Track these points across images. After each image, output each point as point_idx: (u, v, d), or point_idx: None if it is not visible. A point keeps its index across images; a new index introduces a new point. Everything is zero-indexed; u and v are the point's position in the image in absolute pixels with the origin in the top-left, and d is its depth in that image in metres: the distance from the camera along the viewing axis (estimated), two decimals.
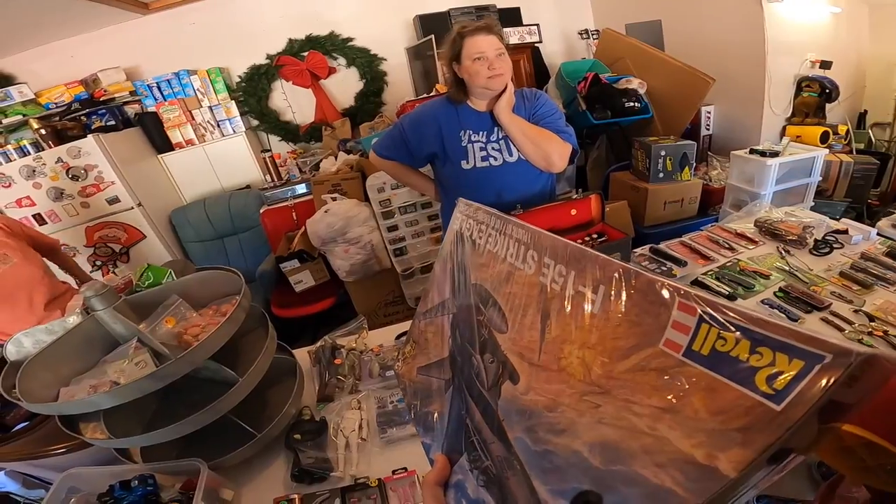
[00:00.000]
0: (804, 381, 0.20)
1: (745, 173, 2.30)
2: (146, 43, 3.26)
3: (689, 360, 0.25)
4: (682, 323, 0.26)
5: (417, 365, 0.55)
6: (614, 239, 1.41)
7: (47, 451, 1.06)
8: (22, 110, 2.91)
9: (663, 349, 0.27)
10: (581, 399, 0.32)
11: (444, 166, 1.58)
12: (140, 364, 0.98)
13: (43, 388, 0.97)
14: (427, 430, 0.51)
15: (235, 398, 0.99)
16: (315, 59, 3.50)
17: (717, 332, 0.24)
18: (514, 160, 1.52)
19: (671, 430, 0.25)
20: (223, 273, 1.18)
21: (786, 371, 0.21)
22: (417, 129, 1.56)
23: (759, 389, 0.22)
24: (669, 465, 0.25)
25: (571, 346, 0.34)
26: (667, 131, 2.79)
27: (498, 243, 0.45)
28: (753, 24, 2.52)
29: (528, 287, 0.40)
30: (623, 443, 0.28)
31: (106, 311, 1.04)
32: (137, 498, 0.90)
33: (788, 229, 1.51)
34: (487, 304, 0.44)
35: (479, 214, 0.49)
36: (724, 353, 0.24)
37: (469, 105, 1.51)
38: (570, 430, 0.32)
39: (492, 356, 0.42)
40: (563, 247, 0.37)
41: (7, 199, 2.78)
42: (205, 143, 3.29)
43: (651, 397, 0.27)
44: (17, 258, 1.83)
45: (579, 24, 3.93)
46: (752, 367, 0.22)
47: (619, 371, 0.29)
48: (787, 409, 0.20)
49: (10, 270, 1.80)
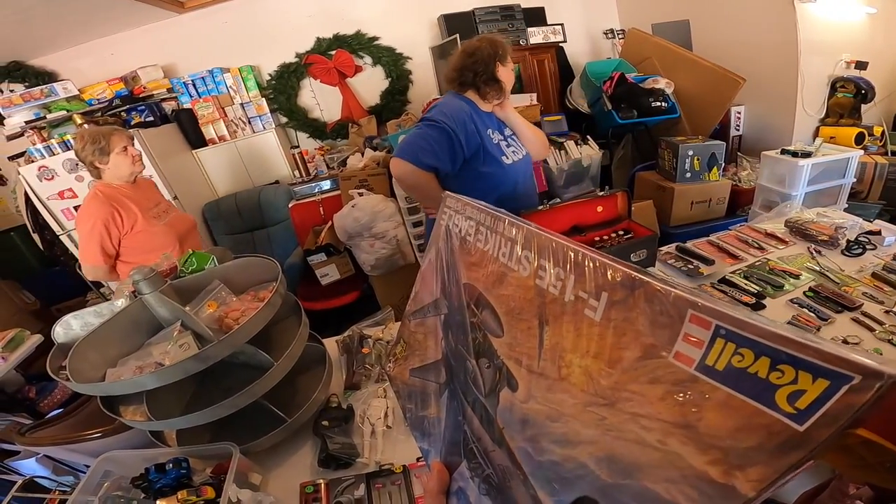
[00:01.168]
0: (830, 402, 0.19)
1: (775, 174, 2.26)
2: (182, 41, 3.38)
3: (702, 375, 0.24)
4: (694, 336, 0.24)
5: (410, 366, 0.53)
6: (640, 236, 1.41)
7: (83, 435, 1.08)
8: (66, 106, 3.04)
9: (673, 362, 0.25)
10: (585, 410, 0.30)
11: (486, 164, 1.54)
12: (184, 346, 1.01)
13: (91, 369, 1.00)
14: (424, 436, 0.49)
15: (270, 382, 1.02)
16: (342, 58, 3.57)
17: (734, 348, 0.23)
18: (524, 155, 1.60)
19: (683, 446, 0.24)
20: (261, 260, 1.23)
21: (809, 390, 0.19)
22: (465, 126, 1.48)
23: (779, 408, 0.20)
24: (682, 482, 0.24)
25: (573, 355, 0.32)
26: (695, 131, 2.76)
27: (489, 242, 0.41)
28: (786, 25, 2.48)
29: (524, 290, 0.37)
30: (631, 457, 0.27)
31: (152, 294, 1.08)
32: (171, 480, 0.91)
33: (820, 230, 1.49)
34: (480, 305, 0.42)
35: (469, 210, 0.46)
36: (742, 370, 0.22)
37: (477, 104, 1.56)
38: (574, 441, 0.30)
39: (488, 361, 0.40)
40: (561, 248, 0.34)
41: (50, 191, 2.90)
42: (236, 139, 3.39)
43: (661, 411, 0.25)
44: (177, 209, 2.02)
45: (604, 24, 3.91)
46: (773, 384, 0.21)
47: (623, 382, 0.28)
48: (810, 429, 0.19)
49: (181, 214, 2.05)
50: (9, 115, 3.01)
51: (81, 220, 1.80)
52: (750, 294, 1.27)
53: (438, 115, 1.50)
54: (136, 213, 1.80)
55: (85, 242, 1.79)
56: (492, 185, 1.56)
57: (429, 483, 0.44)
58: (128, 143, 1.81)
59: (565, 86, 3.49)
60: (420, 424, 0.49)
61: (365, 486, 0.95)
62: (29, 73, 3.28)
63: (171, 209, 2.00)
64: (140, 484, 0.92)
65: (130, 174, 1.84)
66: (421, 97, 3.66)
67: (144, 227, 1.81)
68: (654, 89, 2.75)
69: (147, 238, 1.82)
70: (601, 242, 1.44)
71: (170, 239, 1.88)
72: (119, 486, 0.95)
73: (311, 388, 1.16)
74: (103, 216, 1.75)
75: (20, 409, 2.21)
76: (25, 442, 1.17)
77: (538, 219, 1.43)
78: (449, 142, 1.47)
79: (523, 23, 3.33)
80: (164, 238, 1.86)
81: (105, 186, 1.80)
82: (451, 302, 0.46)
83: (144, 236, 1.82)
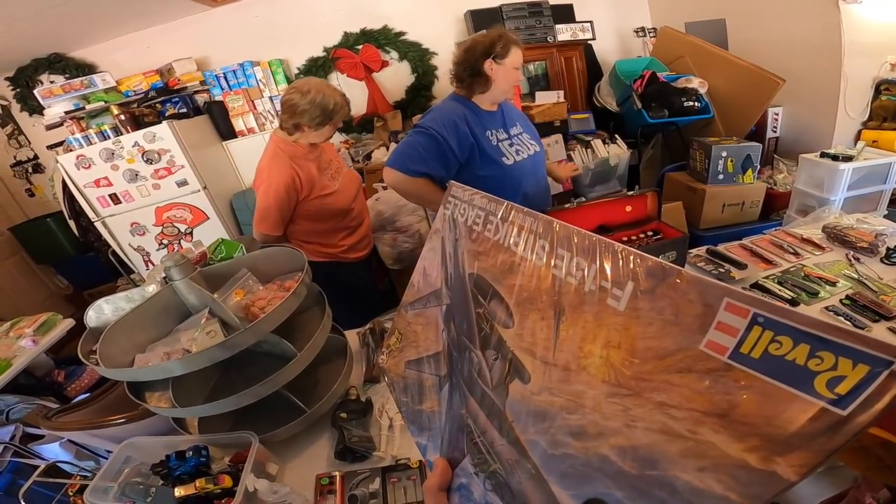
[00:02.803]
0: (871, 386, 0.19)
1: (814, 178, 2.18)
2: (215, 34, 3.45)
3: (736, 363, 0.24)
4: (728, 324, 0.24)
5: (406, 358, 0.51)
6: (670, 237, 1.38)
7: (107, 421, 1.10)
8: (104, 97, 3.14)
9: (704, 350, 0.25)
10: (606, 401, 0.29)
11: (483, 167, 1.53)
12: (211, 333, 1.02)
13: (121, 353, 1.02)
14: (421, 430, 0.48)
15: (293, 371, 1.03)
16: (369, 53, 3.59)
17: (772, 336, 0.23)
18: (532, 153, 1.60)
19: (716, 434, 0.24)
20: (288, 250, 1.24)
21: (849, 376, 0.20)
22: (456, 131, 1.47)
23: (819, 394, 0.21)
24: (716, 470, 0.24)
25: (593, 345, 0.31)
26: (729, 132, 2.68)
27: (500, 231, 0.41)
28: (829, 26, 2.40)
29: (538, 280, 0.36)
30: (659, 447, 0.26)
31: (183, 280, 1.10)
32: (190, 468, 0.92)
33: (859, 236, 1.44)
34: (488, 296, 0.41)
35: (477, 199, 0.45)
36: (780, 357, 0.22)
37: (477, 104, 1.55)
38: (594, 433, 0.30)
39: (496, 353, 0.39)
40: (580, 237, 0.33)
41: (86, 179, 3.01)
42: (265, 131, 3.44)
43: (691, 400, 0.25)
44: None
45: (635, 22, 3.83)
46: (812, 371, 0.21)
47: (650, 372, 0.27)
48: (853, 414, 0.20)
49: (350, 171, 1.90)
50: (49, 106, 3.12)
51: (260, 179, 1.65)
52: (783, 300, 1.23)
53: (429, 121, 1.50)
54: (315, 175, 1.65)
55: (263, 206, 1.64)
56: (492, 187, 1.54)
57: (430, 479, 0.42)
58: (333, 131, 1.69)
59: (593, 84, 3.43)
60: (417, 418, 0.48)
61: (380, 479, 0.95)
62: (69, 64, 3.40)
63: (341, 167, 1.84)
64: (159, 471, 0.93)
65: (322, 141, 1.70)
66: (446, 93, 3.63)
67: (320, 193, 1.67)
68: (686, 88, 2.68)
69: (324, 202, 1.69)
70: (629, 243, 1.40)
71: (347, 197, 1.77)
72: (138, 472, 0.96)
73: (331, 379, 1.17)
74: (285, 178, 1.59)
75: (48, 393, 2.27)
76: (51, 426, 1.19)
77: (564, 217, 1.40)
78: (438, 148, 1.46)
79: (551, 20, 3.28)
80: (342, 197, 1.75)
81: (286, 144, 1.64)
82: (454, 292, 0.45)
83: (321, 201, 1.68)
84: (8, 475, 1.72)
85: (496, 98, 1.54)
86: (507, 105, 1.66)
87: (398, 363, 0.52)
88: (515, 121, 1.65)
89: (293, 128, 1.59)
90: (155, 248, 3.29)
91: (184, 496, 0.86)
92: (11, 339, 2.24)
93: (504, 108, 1.63)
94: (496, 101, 1.55)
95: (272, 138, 1.68)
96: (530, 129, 1.70)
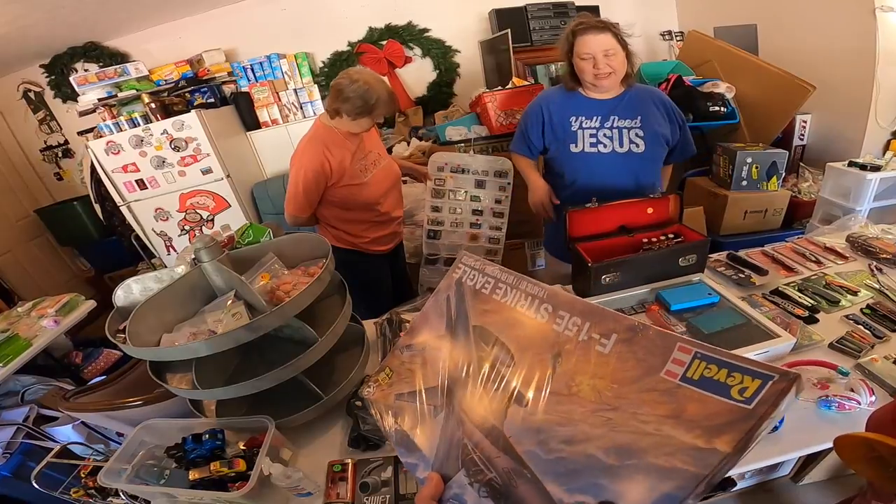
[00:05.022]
0: (764, 390, 0.33)
1: (840, 187, 2.14)
2: (243, 26, 3.52)
3: (684, 384, 0.37)
4: (679, 359, 0.38)
5: (396, 392, 0.59)
6: (691, 240, 1.37)
7: (125, 402, 1.10)
8: (136, 85, 3.23)
9: (664, 377, 0.38)
10: (593, 414, 0.40)
11: (552, 149, 1.67)
12: (236, 316, 1.03)
13: (148, 332, 1.03)
14: (410, 451, 0.53)
15: (313, 357, 1.03)
16: (393, 48, 3.62)
17: (705, 364, 0.37)
18: (624, 151, 1.56)
19: (674, 430, 0.36)
20: (313, 236, 1.27)
21: (750, 386, 0.34)
22: (529, 117, 1.69)
23: (734, 398, 0.34)
24: (678, 453, 0.35)
25: (583, 377, 0.43)
26: (754, 138, 2.64)
27: (508, 295, 0.53)
28: (864, 33, 2.34)
29: (541, 332, 0.48)
30: (634, 443, 0.37)
31: (211, 262, 1.12)
32: (205, 451, 0.92)
33: (884, 247, 1.43)
34: (490, 342, 0.52)
35: (489, 269, 0.57)
36: (710, 378, 0.36)
37: (581, 93, 1.59)
38: (583, 439, 0.40)
39: (496, 385, 0.49)
40: (580, 304, 0.47)
41: (115, 165, 3.09)
42: (288, 123, 3.50)
43: (655, 409, 0.37)
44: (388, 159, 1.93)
45: (662, 26, 3.79)
46: (729, 385, 0.35)
47: (626, 393, 0.40)
48: (755, 407, 0.33)
49: (391, 163, 1.93)
50: (83, 93, 3.22)
51: (294, 160, 1.69)
52: (803, 307, 1.22)
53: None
54: (346, 164, 1.67)
55: (294, 188, 1.69)
56: (560, 166, 1.68)
57: (422, 491, 0.48)
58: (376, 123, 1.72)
59: None
60: (405, 441, 0.55)
61: (392, 468, 0.96)
62: (103, 53, 3.50)
63: (380, 159, 1.86)
64: (174, 454, 0.94)
65: (356, 137, 1.72)
66: (467, 91, 3.65)
67: (348, 182, 1.69)
68: (712, 93, 2.64)
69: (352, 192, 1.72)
70: (649, 244, 1.40)
71: (378, 191, 1.79)
72: (152, 455, 0.97)
73: (347, 367, 1.17)
74: (315, 163, 1.62)
75: (65, 375, 2.29)
76: (70, 407, 1.20)
77: (585, 217, 1.41)
78: (521, 130, 1.75)
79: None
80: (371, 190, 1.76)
81: (325, 129, 1.67)
82: (457, 339, 0.56)
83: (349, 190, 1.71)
84: (18, 457, 1.75)
85: (588, 86, 1.55)
86: (638, 97, 1.57)
87: (387, 395, 0.59)
88: (637, 115, 1.55)
89: (334, 112, 1.63)
90: (177, 234, 3.36)
91: (198, 479, 0.87)
92: (33, 319, 2.27)
93: (629, 98, 1.56)
94: (592, 88, 1.55)
95: (316, 121, 1.73)
96: (654, 127, 1.56)
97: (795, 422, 0.89)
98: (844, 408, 0.89)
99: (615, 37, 1.46)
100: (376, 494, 0.92)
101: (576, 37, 1.48)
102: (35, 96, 3.74)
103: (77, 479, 1.19)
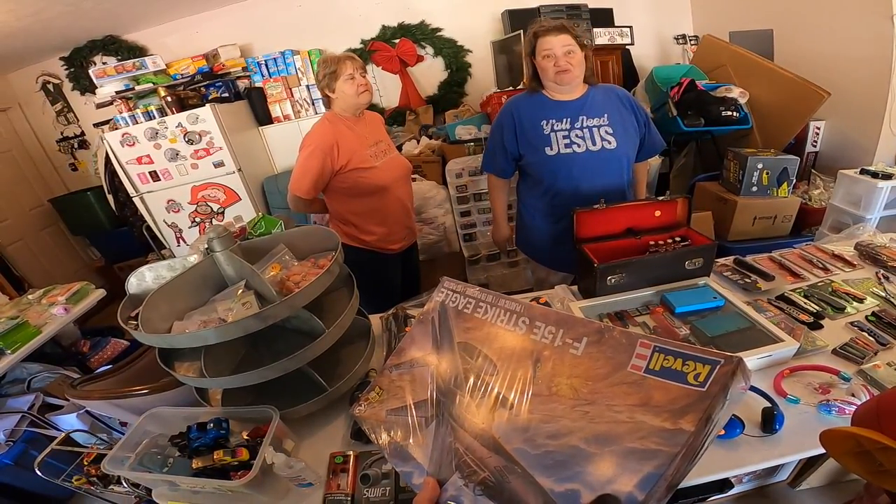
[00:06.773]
0: (714, 374, 0.39)
1: (851, 194, 2.12)
2: (259, 22, 3.57)
3: (648, 375, 0.42)
4: (642, 353, 0.44)
5: (387, 408, 0.62)
6: (698, 244, 1.37)
7: (132, 391, 1.11)
8: (153, 79, 3.28)
9: (630, 371, 0.44)
10: (572, 410, 0.45)
11: (527, 155, 1.66)
12: (246, 305, 1.04)
13: (160, 319, 1.04)
14: (405, 461, 0.56)
15: (320, 348, 1.04)
16: (405, 47, 3.64)
17: (664, 356, 0.42)
18: (597, 149, 1.58)
19: (644, 416, 0.41)
20: (323, 229, 1.29)
21: (703, 372, 0.39)
22: (501, 127, 1.69)
23: (690, 383, 0.40)
24: (650, 436, 0.39)
25: (560, 378, 0.48)
26: (766, 144, 2.62)
27: (488, 312, 0.59)
28: (881, 40, 2.33)
29: (520, 342, 0.53)
30: (611, 431, 0.42)
31: (223, 252, 1.13)
32: (209, 440, 0.92)
33: (892, 255, 1.42)
34: (474, 355, 0.56)
35: (469, 291, 0.63)
36: (669, 367, 0.41)
37: (546, 95, 1.61)
38: (566, 433, 0.44)
39: (482, 393, 0.53)
40: (553, 314, 0.53)
41: (129, 156, 3.15)
42: (299, 118, 3.53)
43: (626, 400, 0.42)
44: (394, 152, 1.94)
45: (676, 30, 3.78)
46: (685, 372, 0.40)
47: (599, 388, 0.45)
48: (709, 388, 0.38)
49: (396, 157, 1.92)
50: (101, 86, 3.27)
51: (303, 144, 1.71)
52: (808, 313, 1.22)
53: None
54: (354, 145, 1.69)
55: (300, 168, 1.71)
56: (537, 172, 1.67)
57: (420, 495, 0.50)
58: (356, 71, 1.68)
59: (628, 89, 3.40)
60: (399, 452, 0.57)
61: None
62: (122, 47, 3.56)
63: (389, 150, 1.87)
64: (178, 442, 0.94)
65: (355, 106, 1.72)
66: (478, 90, 3.67)
67: (358, 165, 1.70)
68: (725, 98, 2.63)
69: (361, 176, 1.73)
70: (656, 247, 1.41)
71: (387, 177, 1.79)
72: (156, 443, 0.97)
73: (352, 360, 1.18)
74: (324, 142, 1.65)
75: (71, 363, 2.30)
76: (76, 395, 1.20)
77: (592, 218, 1.42)
78: (500, 143, 1.70)
79: (589, 23, 3.26)
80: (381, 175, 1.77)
81: (333, 115, 1.72)
82: (443, 356, 0.60)
83: (358, 174, 1.72)
84: (21, 444, 1.76)
85: (551, 87, 1.59)
86: (602, 95, 1.61)
87: (378, 412, 0.63)
88: (603, 112, 1.58)
89: (326, 99, 1.74)
90: (188, 226, 3.41)
91: (200, 467, 0.88)
92: (44, 307, 2.28)
93: (593, 97, 1.59)
94: (555, 89, 1.58)
95: (323, 115, 1.79)
96: (621, 123, 1.60)
97: (795, 425, 0.90)
98: (845, 412, 0.89)
99: (574, 38, 1.52)
100: (377, 486, 0.93)
101: (537, 38, 1.54)
102: (53, 88, 3.82)
103: (79, 467, 1.20)
